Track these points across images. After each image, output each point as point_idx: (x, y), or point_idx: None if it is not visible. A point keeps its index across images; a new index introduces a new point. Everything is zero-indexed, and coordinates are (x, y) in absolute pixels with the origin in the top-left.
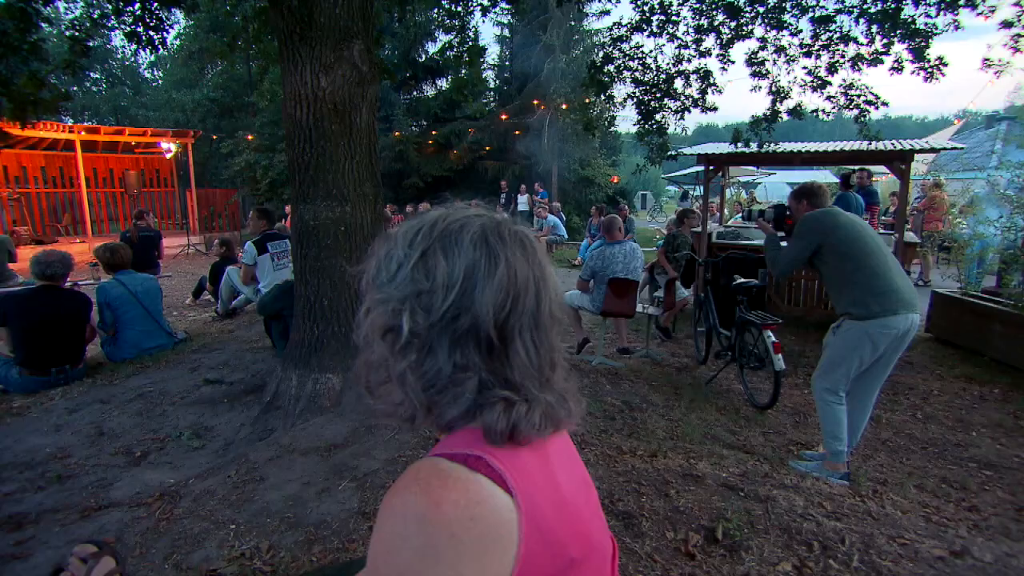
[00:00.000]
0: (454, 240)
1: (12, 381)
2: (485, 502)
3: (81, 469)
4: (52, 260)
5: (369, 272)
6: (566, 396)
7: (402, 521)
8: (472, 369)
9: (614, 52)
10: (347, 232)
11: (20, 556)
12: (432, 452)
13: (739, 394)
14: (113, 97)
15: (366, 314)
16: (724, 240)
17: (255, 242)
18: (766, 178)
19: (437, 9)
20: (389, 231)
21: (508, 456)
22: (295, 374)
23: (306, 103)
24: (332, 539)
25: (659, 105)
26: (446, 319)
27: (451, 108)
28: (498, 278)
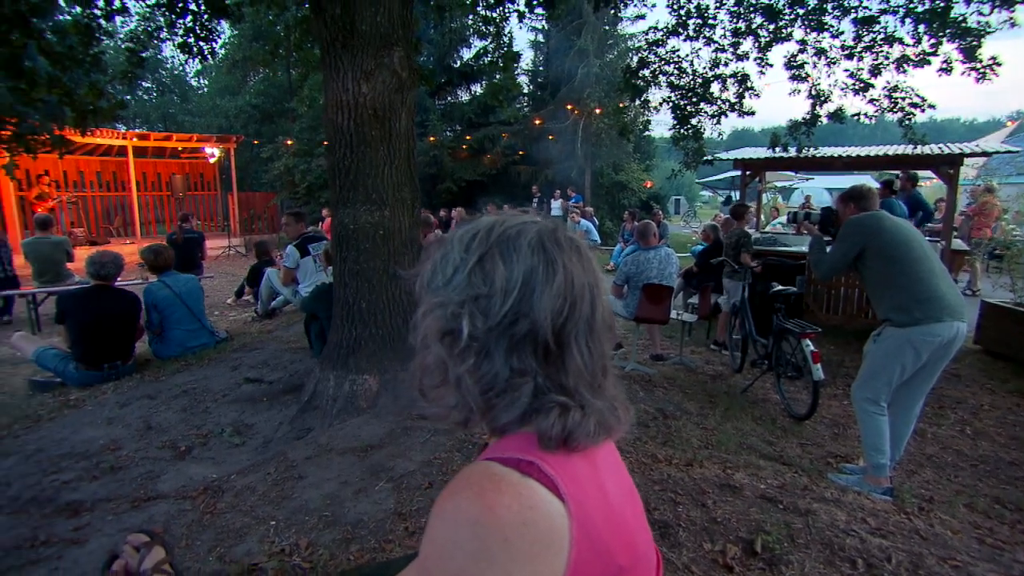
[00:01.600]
0: (512, 245)
1: (69, 375)
2: (537, 507)
3: (131, 461)
4: (106, 261)
5: (424, 275)
6: (616, 403)
7: (455, 524)
8: (529, 374)
9: (650, 56)
10: (385, 236)
11: (78, 542)
12: (483, 456)
13: (775, 404)
14: (162, 105)
15: (423, 316)
16: (761, 246)
17: (296, 245)
18: (804, 183)
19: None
20: (444, 235)
21: (560, 462)
22: (333, 375)
23: (347, 109)
24: (369, 539)
25: (695, 109)
26: (504, 324)
27: (485, 113)
28: (556, 284)
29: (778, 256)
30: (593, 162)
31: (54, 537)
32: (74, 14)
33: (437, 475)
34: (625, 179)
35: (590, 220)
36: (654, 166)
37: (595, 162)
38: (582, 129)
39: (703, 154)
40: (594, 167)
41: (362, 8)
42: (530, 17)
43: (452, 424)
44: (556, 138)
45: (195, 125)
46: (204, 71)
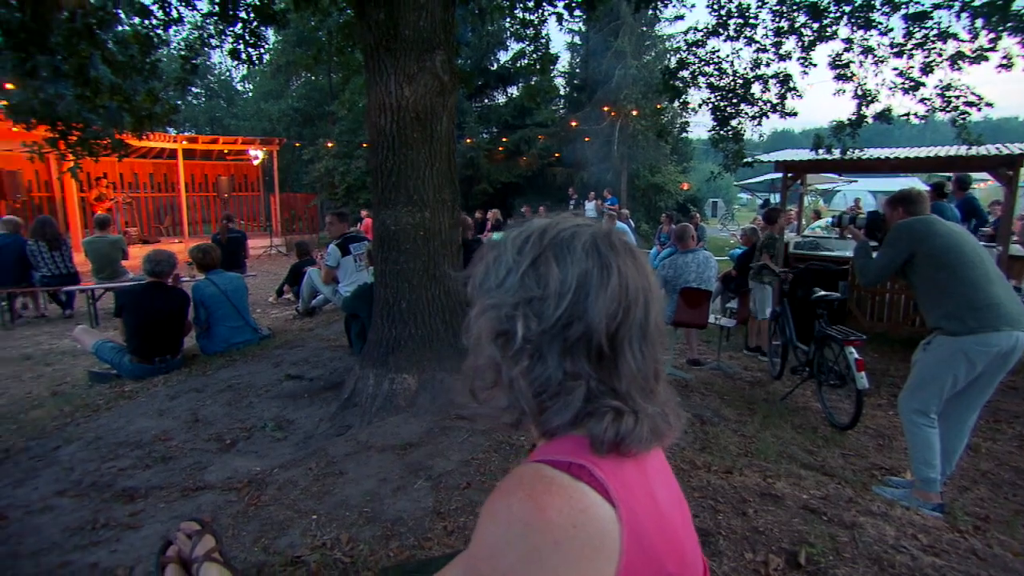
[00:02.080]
0: (566, 248)
1: (124, 367)
2: (588, 511)
3: (180, 451)
4: (161, 259)
5: (476, 276)
6: (667, 409)
7: (506, 525)
8: (582, 377)
9: (689, 57)
10: (426, 237)
11: (133, 526)
12: (533, 458)
13: (817, 412)
14: (210, 109)
15: (476, 317)
16: (802, 251)
17: (338, 244)
18: (847, 186)
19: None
20: (496, 238)
21: (611, 467)
22: (372, 373)
23: (390, 112)
24: (408, 536)
25: (735, 111)
26: (558, 326)
27: (521, 115)
28: (611, 288)
29: (820, 260)
30: (629, 164)
31: (112, 521)
32: (133, 25)
33: (475, 475)
34: (661, 181)
35: (626, 223)
36: (691, 168)
37: (631, 164)
38: (618, 131)
39: (743, 156)
40: (630, 169)
41: (405, 12)
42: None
43: (503, 425)
44: (592, 140)
45: (240, 128)
46: (249, 76)
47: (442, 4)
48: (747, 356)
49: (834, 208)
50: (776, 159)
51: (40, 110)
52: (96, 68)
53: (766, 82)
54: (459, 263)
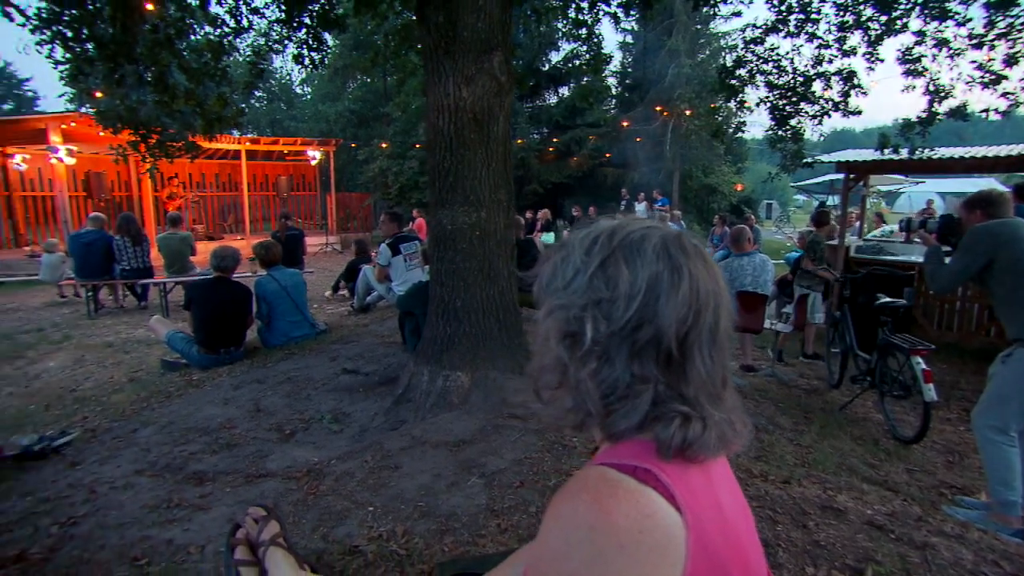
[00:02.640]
0: (636, 250)
1: (193, 357)
2: (655, 516)
3: (244, 439)
4: (226, 255)
5: (543, 277)
6: (734, 416)
7: (571, 528)
8: (650, 381)
9: (746, 55)
10: (482, 237)
11: (203, 508)
12: (597, 460)
13: (878, 424)
14: (271, 111)
15: (544, 317)
16: (864, 255)
17: (389, 244)
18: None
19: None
20: (563, 238)
21: (677, 473)
22: (426, 370)
23: (448, 113)
24: (462, 532)
25: (795, 109)
26: (627, 329)
27: (572, 116)
28: (682, 291)
29: (884, 266)
30: (681, 164)
31: (184, 501)
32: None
33: (528, 474)
34: (715, 182)
35: (677, 224)
36: (745, 169)
37: (684, 164)
38: (671, 131)
39: (802, 156)
40: (682, 170)
41: (464, 15)
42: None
43: (567, 427)
44: (643, 140)
45: (299, 130)
46: (308, 79)
47: (500, 5)
48: (803, 363)
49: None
50: (838, 159)
51: (125, 115)
52: (173, 75)
53: (828, 79)
54: (513, 263)
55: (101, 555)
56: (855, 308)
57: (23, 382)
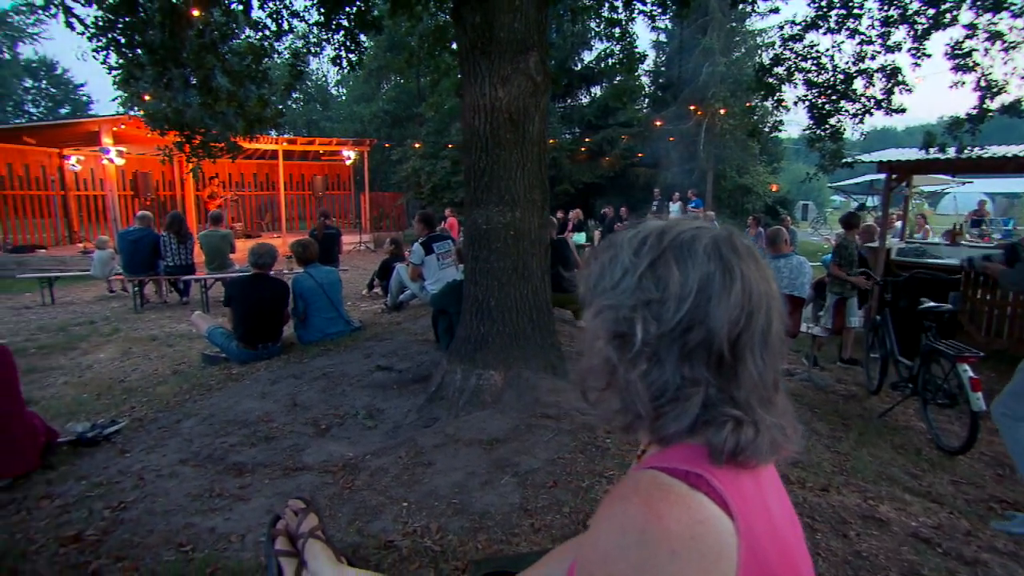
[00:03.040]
0: (687, 250)
1: (232, 352)
2: (707, 522)
3: (281, 433)
4: (264, 252)
5: (591, 277)
6: (784, 421)
7: (621, 531)
8: (700, 383)
9: (784, 53)
10: (516, 236)
11: (243, 498)
12: (647, 464)
13: (921, 433)
14: (307, 112)
15: (592, 317)
16: (906, 258)
17: (422, 243)
18: (958, 188)
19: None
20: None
21: (728, 478)
22: (460, 368)
23: (484, 113)
24: (496, 530)
25: (834, 108)
26: (677, 330)
27: (604, 115)
28: (735, 293)
29: (927, 269)
30: (715, 164)
31: (225, 491)
32: (245, 37)
33: (561, 475)
34: (750, 182)
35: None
36: (781, 169)
37: (718, 164)
38: (705, 130)
39: (841, 156)
40: (716, 170)
41: (500, 15)
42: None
43: (615, 428)
44: (676, 140)
45: (334, 130)
46: (343, 80)
47: (536, 5)
48: (840, 368)
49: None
50: (880, 159)
51: (172, 117)
52: (216, 78)
53: (871, 77)
54: (547, 263)
55: (150, 539)
56: (896, 312)
57: (77, 372)
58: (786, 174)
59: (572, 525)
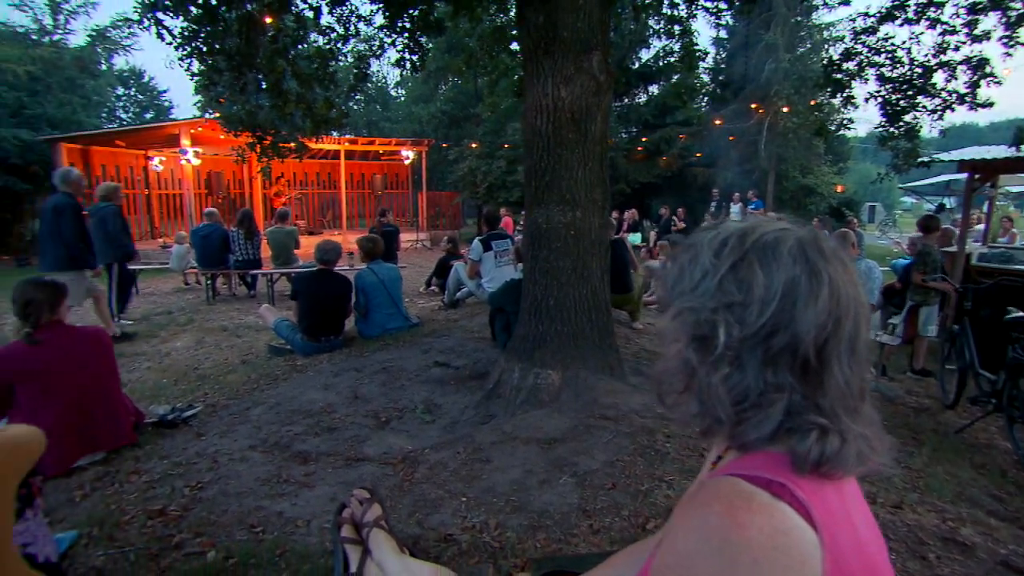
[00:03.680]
0: (770, 253)
1: (297, 344)
2: (790, 533)
3: (343, 424)
4: (329, 249)
5: (668, 278)
6: (870, 432)
7: (702, 538)
8: (784, 389)
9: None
10: (576, 236)
11: (308, 485)
12: (726, 471)
13: (1005, 452)
14: (367, 113)
15: (671, 319)
16: (989, 263)
17: (481, 240)
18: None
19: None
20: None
21: (812, 489)
22: (517, 366)
23: (546, 113)
24: (554, 529)
25: (910, 104)
26: (761, 335)
27: (662, 114)
28: (822, 297)
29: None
30: (777, 164)
31: (291, 478)
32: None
33: (620, 477)
34: (813, 183)
35: None
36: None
37: (780, 164)
38: (766, 129)
39: (917, 155)
40: (778, 169)
41: (564, 15)
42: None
43: (694, 432)
44: (737, 139)
45: (393, 131)
46: (402, 82)
47: (599, 4)
48: (911, 379)
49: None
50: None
51: (245, 119)
52: (287, 81)
53: (953, 69)
54: (606, 263)
55: (224, 519)
56: (977, 322)
57: (157, 358)
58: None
59: (631, 529)
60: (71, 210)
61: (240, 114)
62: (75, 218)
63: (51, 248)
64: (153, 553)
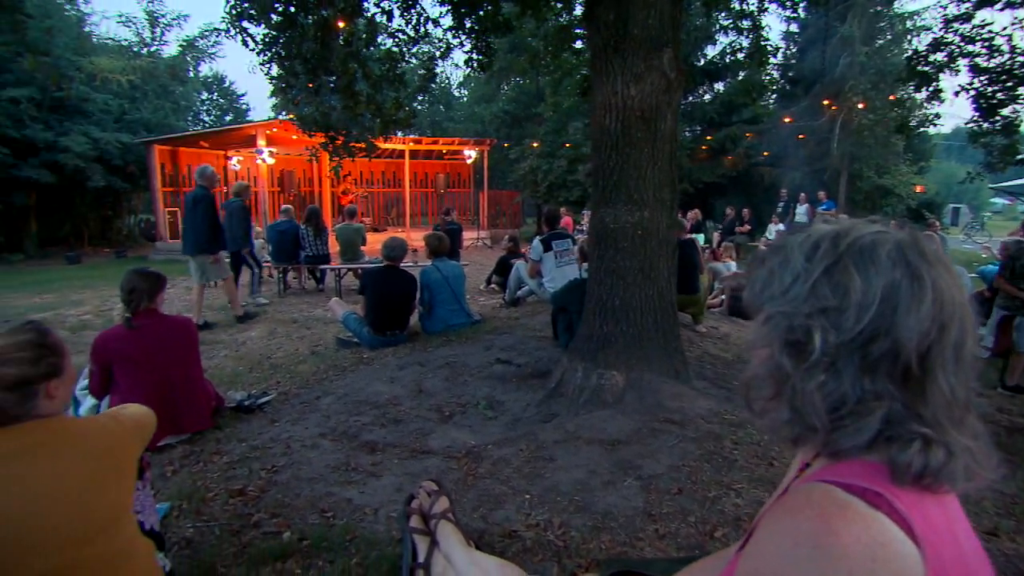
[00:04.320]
0: (868, 256)
1: (363, 337)
2: (889, 546)
3: (408, 416)
4: (396, 245)
5: (756, 282)
6: (976, 445)
7: (793, 545)
8: (884, 397)
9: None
10: (644, 236)
11: (376, 474)
12: (817, 477)
13: None
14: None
15: (760, 324)
16: None
17: (542, 240)
18: None
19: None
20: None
21: (913, 501)
22: (581, 366)
23: (615, 111)
24: (619, 531)
25: (1010, 96)
26: (858, 341)
27: (728, 112)
28: (926, 302)
29: None
30: (850, 164)
31: (359, 466)
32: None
33: (686, 482)
34: (890, 183)
35: None
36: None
37: (853, 163)
38: (839, 127)
39: (1016, 152)
40: (851, 169)
41: (635, 12)
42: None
43: (782, 440)
44: (807, 137)
45: (456, 130)
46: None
47: (671, 1)
48: (1002, 395)
49: None
50: None
51: (319, 120)
52: (358, 83)
53: None
54: (674, 264)
55: (297, 502)
56: None
57: (234, 347)
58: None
59: (698, 536)
60: (205, 202)
61: (314, 115)
62: (207, 209)
63: (189, 234)
64: (235, 529)
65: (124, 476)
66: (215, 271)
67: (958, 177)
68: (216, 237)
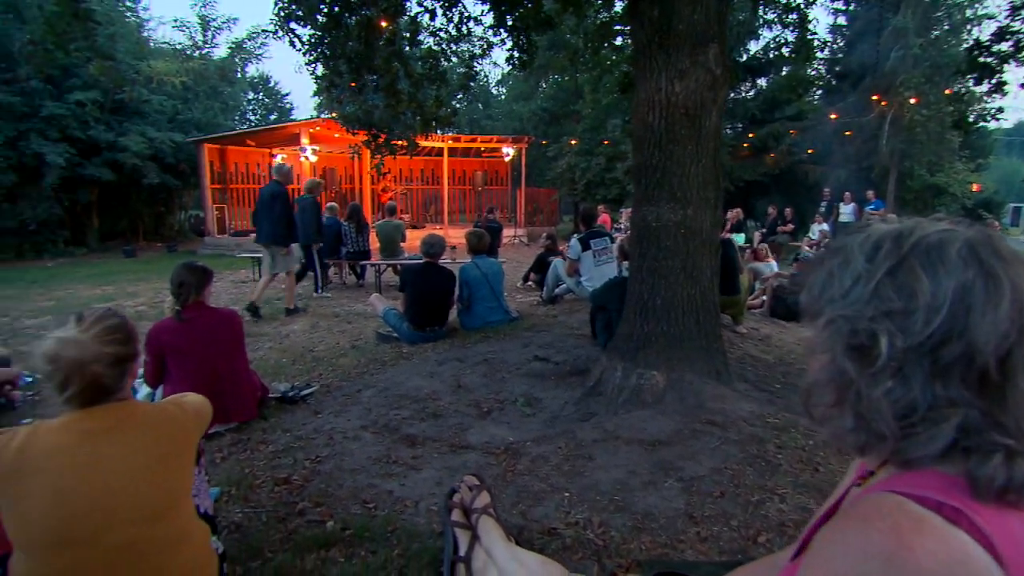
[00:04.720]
0: (935, 255)
1: (403, 332)
2: (969, 564)
3: (447, 411)
4: (434, 242)
5: (815, 284)
6: None
7: (863, 557)
8: (958, 404)
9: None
10: (686, 235)
11: (416, 467)
12: (886, 487)
13: None
14: (469, 111)
15: (821, 328)
16: None
17: (580, 239)
18: None
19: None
20: (836, 242)
21: (994, 517)
22: (620, 365)
23: (659, 108)
24: (660, 533)
25: None
26: (928, 345)
27: (771, 108)
28: (1004, 303)
29: None
30: (900, 161)
31: (400, 459)
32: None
33: (728, 485)
34: (944, 181)
35: None
36: (986, 166)
37: (903, 161)
38: (889, 123)
39: None
40: (901, 167)
41: (680, 7)
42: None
43: (847, 447)
44: (854, 134)
45: (494, 128)
46: (503, 80)
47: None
48: None
49: None
50: None
51: (362, 119)
52: (400, 82)
53: None
54: (716, 263)
55: (340, 492)
56: None
57: (278, 339)
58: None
59: (741, 540)
60: (281, 197)
61: (357, 113)
62: (283, 204)
63: (264, 226)
64: (281, 516)
65: (186, 460)
66: (284, 263)
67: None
68: (290, 231)
